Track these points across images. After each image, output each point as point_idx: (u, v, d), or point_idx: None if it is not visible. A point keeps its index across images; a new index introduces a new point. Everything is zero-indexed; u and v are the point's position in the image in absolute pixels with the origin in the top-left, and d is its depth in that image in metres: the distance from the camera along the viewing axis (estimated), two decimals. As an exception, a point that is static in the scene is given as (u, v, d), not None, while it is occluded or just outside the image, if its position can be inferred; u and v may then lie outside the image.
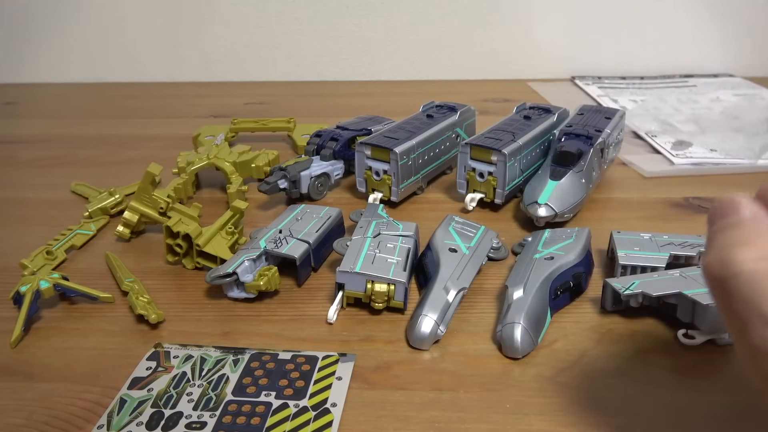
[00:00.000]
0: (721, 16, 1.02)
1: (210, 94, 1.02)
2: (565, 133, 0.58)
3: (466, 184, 0.58)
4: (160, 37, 1.07)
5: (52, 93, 1.05)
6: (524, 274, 0.42)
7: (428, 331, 0.39)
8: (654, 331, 0.41)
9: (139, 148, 0.77)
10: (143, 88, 1.06)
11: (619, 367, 0.38)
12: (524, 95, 0.94)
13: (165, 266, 0.50)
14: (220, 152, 0.63)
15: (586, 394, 0.36)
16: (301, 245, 0.47)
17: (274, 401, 0.36)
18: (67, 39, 1.08)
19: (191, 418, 0.35)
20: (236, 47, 1.07)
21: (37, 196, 0.64)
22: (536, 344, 0.39)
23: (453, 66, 1.07)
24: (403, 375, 0.38)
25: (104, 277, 0.49)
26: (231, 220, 0.51)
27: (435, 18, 1.04)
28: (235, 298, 0.45)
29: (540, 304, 0.41)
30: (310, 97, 0.99)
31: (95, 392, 0.37)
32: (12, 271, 0.48)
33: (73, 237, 0.54)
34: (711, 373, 0.37)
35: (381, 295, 0.42)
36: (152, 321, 0.42)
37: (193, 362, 0.39)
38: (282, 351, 0.40)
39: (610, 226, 0.51)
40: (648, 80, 1.03)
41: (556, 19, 1.04)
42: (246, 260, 0.44)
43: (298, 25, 1.06)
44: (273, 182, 0.58)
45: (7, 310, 0.44)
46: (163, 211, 0.53)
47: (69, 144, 0.79)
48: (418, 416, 0.35)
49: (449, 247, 0.46)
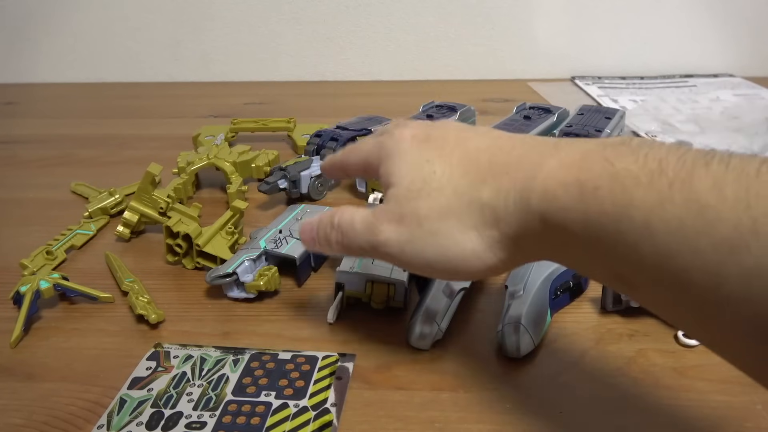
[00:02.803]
0: (721, 16, 1.02)
1: (210, 94, 1.02)
2: (565, 133, 0.58)
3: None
4: (160, 37, 1.07)
5: (52, 93, 1.05)
6: (524, 274, 0.42)
7: (428, 331, 0.39)
8: (654, 331, 0.41)
9: (139, 148, 0.77)
10: (143, 88, 1.06)
11: (619, 367, 0.38)
12: (524, 95, 0.94)
13: (165, 266, 0.50)
14: (220, 152, 0.63)
15: (586, 394, 0.36)
16: (301, 245, 0.47)
17: (274, 401, 0.36)
18: (67, 39, 1.08)
19: (191, 418, 0.35)
20: (236, 47, 1.07)
21: (37, 196, 0.64)
22: (536, 344, 0.39)
23: (453, 66, 1.07)
24: (403, 375, 0.38)
25: (104, 277, 0.49)
26: (231, 220, 0.51)
27: (435, 18, 1.04)
28: (235, 298, 0.45)
29: (540, 304, 0.41)
30: (310, 97, 0.99)
31: (95, 392, 0.37)
32: (12, 271, 0.48)
33: (73, 237, 0.54)
34: (711, 373, 0.37)
35: (381, 295, 0.42)
36: (152, 321, 0.42)
37: (193, 362, 0.39)
38: (282, 351, 0.40)
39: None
40: (648, 80, 1.03)
41: (556, 19, 1.04)
42: (246, 260, 0.44)
43: (298, 25, 1.06)
44: (273, 182, 0.58)
45: (7, 310, 0.44)
46: (163, 211, 0.53)
47: (69, 144, 0.79)
48: (418, 416, 0.35)
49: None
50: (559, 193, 0.25)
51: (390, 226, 0.30)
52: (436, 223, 0.29)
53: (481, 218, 0.28)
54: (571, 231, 0.24)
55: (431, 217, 0.29)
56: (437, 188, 0.29)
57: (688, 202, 0.20)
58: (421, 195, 0.29)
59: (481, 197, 0.28)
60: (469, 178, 0.28)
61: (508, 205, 0.27)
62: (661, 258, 0.21)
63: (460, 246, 0.28)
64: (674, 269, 0.21)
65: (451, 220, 0.28)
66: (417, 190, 0.29)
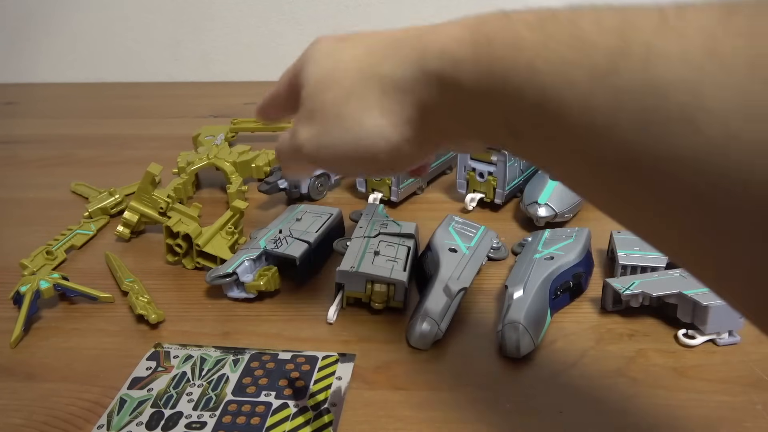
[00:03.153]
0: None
1: (210, 94, 1.02)
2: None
3: (466, 184, 0.58)
4: (160, 37, 1.07)
5: (52, 93, 1.05)
6: (524, 274, 0.42)
7: (428, 331, 0.39)
8: (654, 331, 0.41)
9: (139, 148, 0.77)
10: (143, 88, 1.06)
11: (619, 367, 0.38)
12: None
13: (165, 266, 0.50)
14: (220, 152, 0.63)
15: (586, 394, 0.36)
16: (301, 245, 0.47)
17: (274, 401, 0.36)
18: (67, 39, 1.08)
19: (191, 418, 0.35)
20: (236, 47, 1.07)
21: (37, 196, 0.64)
22: (536, 344, 0.39)
23: (453, 66, 1.07)
24: (403, 375, 0.38)
25: (104, 277, 0.49)
26: (231, 220, 0.51)
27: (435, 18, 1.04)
28: (235, 298, 0.45)
29: (540, 304, 0.41)
30: (310, 97, 0.99)
31: (95, 392, 0.37)
32: (12, 271, 0.48)
33: (73, 237, 0.54)
34: (711, 373, 0.37)
35: (381, 295, 0.42)
36: (152, 321, 0.42)
37: (193, 362, 0.39)
38: (282, 351, 0.40)
39: (610, 226, 0.51)
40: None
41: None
42: (246, 260, 0.44)
43: (298, 25, 1.06)
44: (273, 182, 0.58)
45: (7, 310, 0.44)
46: (163, 211, 0.53)
47: (69, 144, 0.79)
48: (417, 416, 0.35)
49: (449, 247, 0.46)
50: (453, 47, 0.25)
51: (304, 127, 0.30)
52: (340, 108, 0.28)
53: (381, 92, 0.27)
54: (464, 84, 0.24)
55: (336, 104, 0.28)
56: (343, 72, 0.29)
57: (571, 39, 0.20)
58: (327, 86, 0.29)
59: (382, 71, 0.27)
60: (372, 56, 0.28)
61: (406, 73, 0.26)
62: (542, 98, 0.21)
63: (364, 126, 0.28)
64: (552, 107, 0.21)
65: (353, 101, 0.28)
66: (324, 81, 0.29)
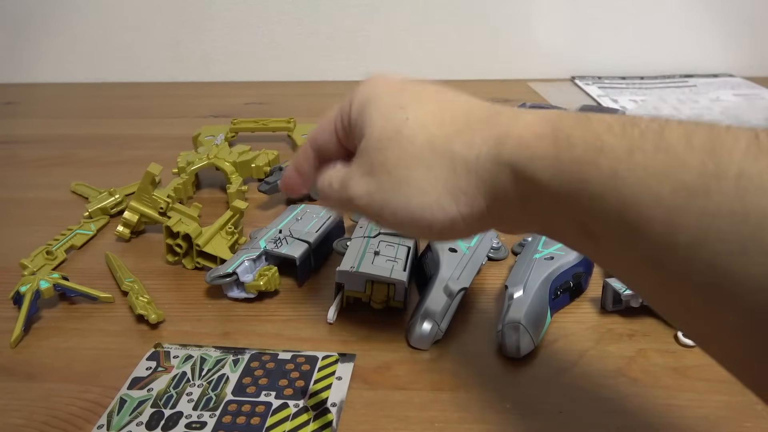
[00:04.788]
0: (721, 16, 1.02)
1: (210, 94, 1.02)
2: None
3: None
4: (160, 37, 1.07)
5: (52, 93, 1.05)
6: (524, 274, 0.42)
7: (428, 331, 0.39)
8: (654, 331, 0.41)
9: (139, 148, 0.77)
10: (143, 88, 1.06)
11: (619, 367, 0.38)
12: (524, 95, 0.94)
13: (165, 266, 0.50)
14: (220, 152, 0.63)
15: (586, 394, 0.36)
16: (301, 245, 0.47)
17: (274, 401, 0.36)
18: (67, 39, 1.08)
19: (191, 418, 0.35)
20: (236, 47, 1.07)
21: (37, 196, 0.64)
22: (536, 344, 0.39)
23: (453, 66, 1.07)
24: (403, 375, 0.38)
25: (104, 277, 0.49)
26: (231, 220, 0.51)
27: (435, 18, 1.04)
28: (235, 298, 0.45)
29: (540, 304, 0.41)
30: (310, 97, 0.99)
31: (95, 392, 0.37)
32: (12, 271, 0.48)
33: (73, 237, 0.54)
34: (711, 373, 0.37)
35: (381, 295, 0.42)
36: (152, 321, 0.42)
37: (193, 362, 0.39)
38: (282, 351, 0.40)
39: (610, 226, 0.51)
40: (648, 80, 1.03)
41: (556, 19, 1.04)
42: (246, 260, 0.44)
43: (298, 25, 1.06)
44: (273, 182, 0.58)
45: (7, 310, 0.44)
46: (163, 211, 0.53)
47: (69, 144, 0.79)
48: (418, 416, 0.35)
49: (449, 247, 0.46)
50: (532, 142, 0.24)
51: (361, 179, 0.30)
52: (404, 171, 0.28)
53: (451, 170, 0.27)
54: (540, 181, 0.24)
55: (400, 166, 0.28)
56: (409, 136, 0.29)
57: (656, 151, 0.20)
58: (392, 144, 0.29)
59: (453, 148, 0.27)
60: (443, 128, 0.28)
61: (480, 157, 0.26)
62: (623, 207, 0.21)
63: (426, 195, 0.28)
64: (634, 218, 0.21)
65: (420, 169, 0.28)
66: (388, 139, 0.29)
